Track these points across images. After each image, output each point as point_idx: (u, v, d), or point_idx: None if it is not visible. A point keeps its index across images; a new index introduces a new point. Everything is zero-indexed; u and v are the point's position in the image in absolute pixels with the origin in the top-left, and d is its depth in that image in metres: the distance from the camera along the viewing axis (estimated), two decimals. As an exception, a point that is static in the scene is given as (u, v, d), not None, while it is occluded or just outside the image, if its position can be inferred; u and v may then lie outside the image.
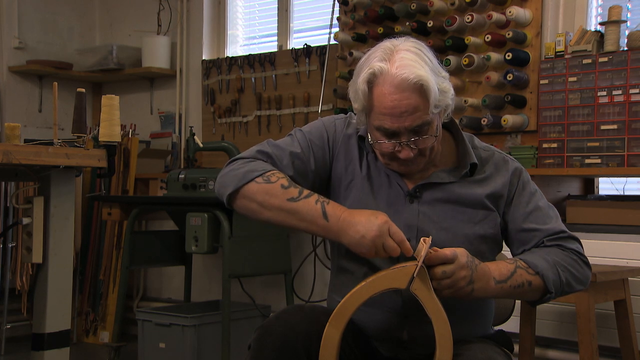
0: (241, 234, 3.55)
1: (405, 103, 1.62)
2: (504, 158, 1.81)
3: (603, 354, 3.01)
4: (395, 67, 1.63)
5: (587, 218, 3.21)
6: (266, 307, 3.96)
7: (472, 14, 3.46)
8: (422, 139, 1.66)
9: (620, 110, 3.11)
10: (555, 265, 1.69)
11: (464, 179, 1.76)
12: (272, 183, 1.68)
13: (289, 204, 1.66)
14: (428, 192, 1.75)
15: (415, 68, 1.62)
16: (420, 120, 1.64)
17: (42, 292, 2.68)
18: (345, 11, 4.00)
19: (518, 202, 1.77)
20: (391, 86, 1.62)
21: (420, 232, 1.71)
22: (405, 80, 1.61)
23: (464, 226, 1.73)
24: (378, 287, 1.59)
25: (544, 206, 1.79)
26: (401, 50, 1.65)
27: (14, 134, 2.72)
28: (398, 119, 1.63)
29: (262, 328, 1.68)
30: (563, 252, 1.74)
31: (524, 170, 1.82)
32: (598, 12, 3.46)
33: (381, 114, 1.65)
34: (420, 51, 1.66)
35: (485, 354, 1.66)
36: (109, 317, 4.49)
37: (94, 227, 4.61)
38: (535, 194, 1.79)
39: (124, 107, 3.07)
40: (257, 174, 1.69)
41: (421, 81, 1.61)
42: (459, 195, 1.74)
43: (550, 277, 1.67)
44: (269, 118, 4.41)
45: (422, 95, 1.62)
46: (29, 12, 4.83)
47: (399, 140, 1.66)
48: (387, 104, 1.63)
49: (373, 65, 1.65)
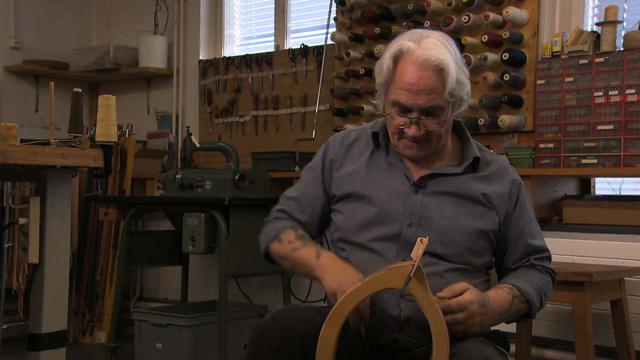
0: (238, 234, 3.55)
1: (424, 82, 1.73)
2: (506, 167, 1.92)
3: (599, 353, 3.01)
4: (421, 48, 1.75)
5: (584, 218, 3.21)
6: (263, 307, 3.96)
7: (469, 14, 3.47)
8: (430, 120, 1.76)
9: (616, 110, 3.11)
10: (539, 292, 1.84)
11: (467, 173, 1.84)
12: (282, 242, 1.89)
13: (293, 254, 1.86)
14: (433, 184, 1.84)
15: (439, 53, 1.74)
16: (433, 102, 1.75)
17: (38, 292, 2.68)
18: (342, 11, 4.00)
19: (519, 215, 1.88)
20: (414, 64, 1.74)
21: (422, 219, 1.80)
22: (428, 60, 1.73)
23: (464, 219, 1.81)
24: (374, 288, 1.60)
25: (534, 220, 1.93)
26: (430, 36, 1.78)
27: (10, 134, 2.71)
28: (414, 95, 1.74)
29: (258, 327, 1.69)
30: (544, 275, 1.89)
31: (522, 183, 1.93)
32: (594, 13, 3.47)
33: (399, 89, 1.76)
34: (447, 42, 1.79)
35: (482, 353, 1.67)
36: (105, 318, 4.48)
37: (91, 227, 4.60)
38: (530, 208, 1.92)
39: (120, 107, 3.07)
40: (272, 237, 1.92)
41: (442, 65, 1.73)
42: (461, 190, 1.83)
43: (536, 305, 1.84)
44: (265, 118, 4.41)
45: (441, 78, 1.74)
46: (25, 11, 4.83)
47: (410, 116, 1.76)
48: (407, 80, 1.74)
49: (402, 44, 1.77)
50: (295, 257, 1.85)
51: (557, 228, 3.27)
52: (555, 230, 3.26)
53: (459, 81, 1.76)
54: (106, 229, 4.55)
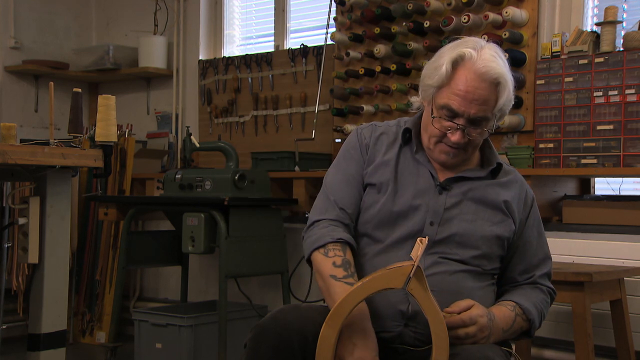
0: (238, 234, 3.55)
1: (479, 93, 1.75)
2: (523, 179, 1.96)
3: (599, 353, 3.02)
4: (483, 58, 1.76)
5: (583, 218, 3.21)
6: (263, 307, 3.96)
7: (468, 14, 3.47)
8: (474, 130, 1.78)
9: (616, 110, 3.11)
10: (540, 312, 1.88)
11: (489, 179, 1.88)
12: (328, 257, 1.78)
13: (329, 280, 1.75)
14: (457, 186, 1.86)
15: (499, 66, 1.77)
16: (483, 113, 1.77)
17: (38, 292, 2.68)
18: (342, 11, 4.00)
19: (531, 226, 1.91)
20: (474, 73, 1.75)
21: (443, 219, 1.82)
22: (488, 72, 1.75)
23: (483, 223, 1.83)
24: (374, 288, 1.59)
25: (544, 234, 1.96)
26: (490, 48, 1.80)
27: (10, 134, 2.71)
28: (469, 103, 1.76)
29: (258, 327, 1.69)
30: (545, 296, 1.92)
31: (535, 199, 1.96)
32: (594, 13, 3.47)
33: (453, 94, 1.76)
34: (503, 56, 1.81)
35: (483, 352, 1.67)
36: (105, 318, 4.48)
37: (91, 227, 4.60)
38: (541, 223, 1.96)
39: (120, 107, 3.07)
40: (319, 245, 1.80)
41: (500, 79, 1.76)
42: (483, 195, 1.86)
43: (537, 324, 1.87)
44: (265, 118, 4.41)
45: (496, 92, 1.76)
46: (25, 11, 4.83)
47: (457, 122, 1.77)
48: (463, 87, 1.75)
49: (463, 50, 1.77)
50: (329, 285, 1.74)
51: (556, 228, 3.27)
52: (555, 230, 3.26)
53: (509, 98, 1.79)
54: (106, 229, 4.55)
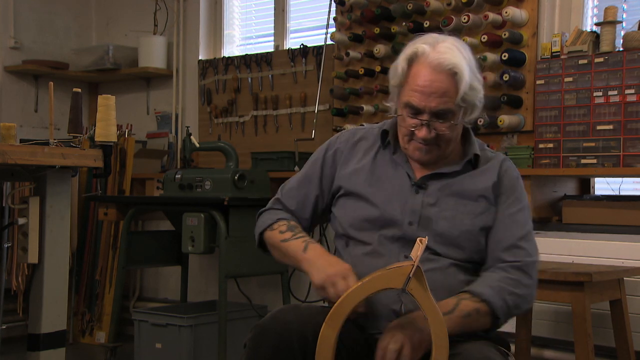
0: (237, 234, 3.55)
1: (437, 85, 1.75)
2: (503, 160, 1.90)
3: (599, 353, 3.02)
4: (435, 52, 1.77)
5: (583, 218, 3.21)
6: (263, 307, 3.96)
7: (468, 14, 3.47)
8: (440, 124, 1.78)
9: (615, 110, 3.11)
10: (501, 290, 1.75)
11: (467, 172, 1.85)
12: (273, 231, 1.92)
13: (282, 245, 1.88)
14: (433, 184, 1.85)
15: (454, 57, 1.76)
16: (445, 105, 1.76)
17: (37, 292, 2.68)
18: (341, 11, 4.00)
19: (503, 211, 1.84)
20: (428, 67, 1.76)
21: (422, 218, 1.81)
22: (442, 64, 1.75)
23: (464, 217, 1.81)
24: (374, 288, 1.60)
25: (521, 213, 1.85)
26: (447, 41, 1.80)
27: (9, 134, 2.71)
28: (427, 97, 1.76)
29: (258, 327, 1.69)
30: (505, 273, 1.78)
31: (519, 176, 1.90)
32: (594, 13, 3.47)
33: (412, 90, 1.77)
34: (462, 47, 1.81)
35: (483, 353, 1.67)
36: (105, 318, 4.48)
37: (90, 227, 4.60)
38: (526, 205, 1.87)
39: (120, 107, 3.07)
40: (266, 225, 1.94)
41: (455, 69, 1.75)
42: (461, 188, 1.84)
43: (499, 303, 1.74)
44: (265, 118, 4.41)
45: (454, 82, 1.75)
46: (24, 11, 4.83)
47: (421, 118, 1.77)
48: (420, 82, 1.76)
49: (417, 46, 1.79)
50: (284, 247, 1.87)
51: (556, 228, 3.27)
52: (554, 230, 3.26)
53: (472, 87, 1.78)
54: (106, 229, 4.55)
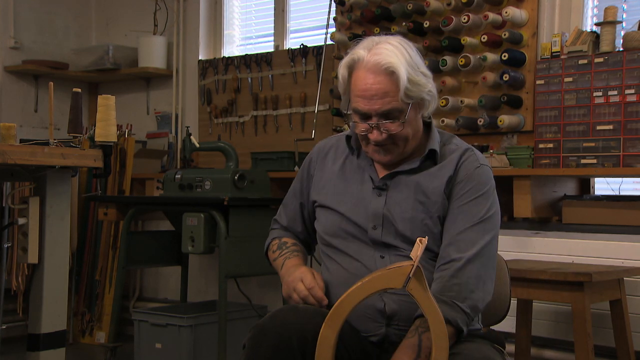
0: (237, 234, 3.55)
1: (376, 87, 1.75)
2: (463, 152, 1.83)
3: (599, 353, 3.02)
4: (371, 54, 1.77)
5: (583, 218, 3.21)
6: (262, 307, 3.96)
7: (468, 14, 3.47)
8: (390, 123, 1.76)
9: (615, 110, 3.11)
10: (453, 305, 1.69)
11: (426, 169, 1.83)
12: (269, 251, 2.05)
13: (273, 264, 2.03)
14: (393, 184, 1.85)
15: (388, 56, 1.75)
16: (389, 105, 1.75)
17: (37, 292, 2.68)
18: (341, 11, 4.00)
19: (454, 205, 1.79)
20: (366, 70, 1.76)
21: (385, 220, 1.81)
22: (377, 65, 1.74)
23: (424, 217, 1.80)
24: (374, 288, 1.59)
25: (475, 208, 1.78)
26: (383, 42, 1.79)
27: (9, 134, 2.71)
28: (369, 101, 1.76)
29: (257, 327, 1.70)
30: (448, 281, 1.72)
31: (480, 171, 1.81)
32: (594, 13, 3.47)
33: (356, 97, 1.78)
34: (401, 46, 1.78)
35: (482, 352, 1.67)
36: (105, 318, 4.48)
37: (90, 227, 4.60)
38: (475, 194, 1.79)
39: (120, 107, 3.07)
40: (266, 247, 2.08)
41: (391, 67, 1.73)
42: (420, 187, 1.82)
43: (456, 317, 1.68)
44: (265, 118, 4.41)
45: (392, 81, 1.74)
46: (24, 11, 4.83)
47: (370, 122, 1.77)
48: (360, 86, 1.77)
49: (354, 52, 1.81)
50: (274, 266, 2.02)
51: (556, 228, 3.27)
52: (554, 231, 3.26)
53: (413, 82, 1.75)
54: (106, 229, 4.55)
